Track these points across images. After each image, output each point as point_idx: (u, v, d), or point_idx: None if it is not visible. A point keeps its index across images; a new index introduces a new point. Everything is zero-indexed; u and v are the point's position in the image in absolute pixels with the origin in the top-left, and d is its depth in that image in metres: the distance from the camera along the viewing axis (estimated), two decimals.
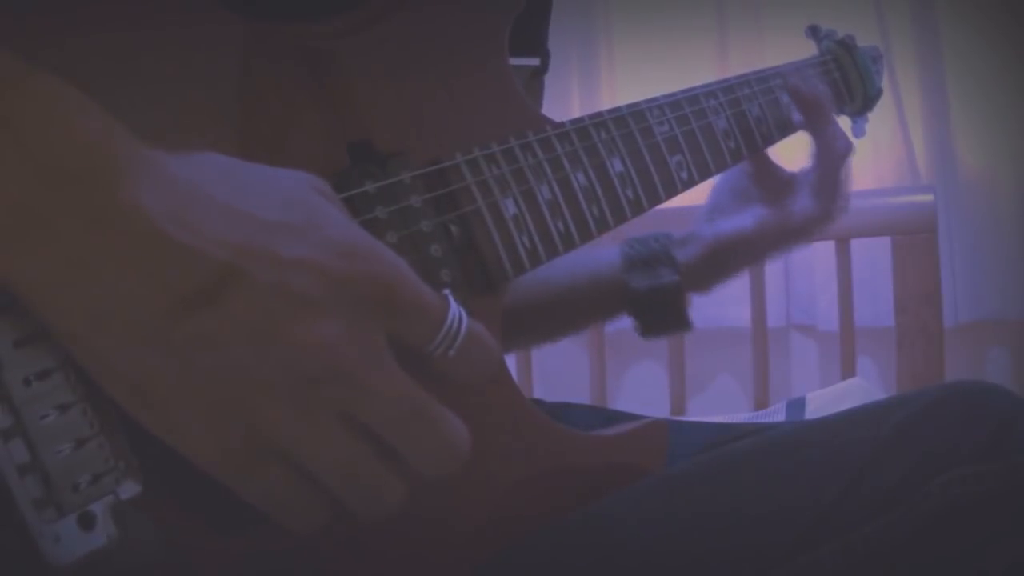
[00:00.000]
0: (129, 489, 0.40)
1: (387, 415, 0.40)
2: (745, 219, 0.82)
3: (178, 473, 0.41)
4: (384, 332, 0.41)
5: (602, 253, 0.82)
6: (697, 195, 0.79)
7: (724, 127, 0.75)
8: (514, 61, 0.61)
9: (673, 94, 0.72)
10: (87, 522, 0.39)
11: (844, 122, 0.97)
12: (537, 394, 1.15)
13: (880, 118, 1.63)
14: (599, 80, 1.83)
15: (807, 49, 0.95)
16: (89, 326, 0.37)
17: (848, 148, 0.82)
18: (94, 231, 0.36)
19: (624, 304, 0.81)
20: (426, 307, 0.42)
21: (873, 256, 1.62)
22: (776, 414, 1.34)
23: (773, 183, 0.83)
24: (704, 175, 0.73)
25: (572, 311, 0.86)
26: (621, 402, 1.80)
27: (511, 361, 1.42)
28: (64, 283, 0.36)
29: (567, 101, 1.82)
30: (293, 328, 0.38)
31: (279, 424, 0.39)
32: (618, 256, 0.81)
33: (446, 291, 0.43)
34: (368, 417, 0.40)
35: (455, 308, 0.43)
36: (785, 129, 0.83)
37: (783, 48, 1.67)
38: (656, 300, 0.79)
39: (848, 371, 1.39)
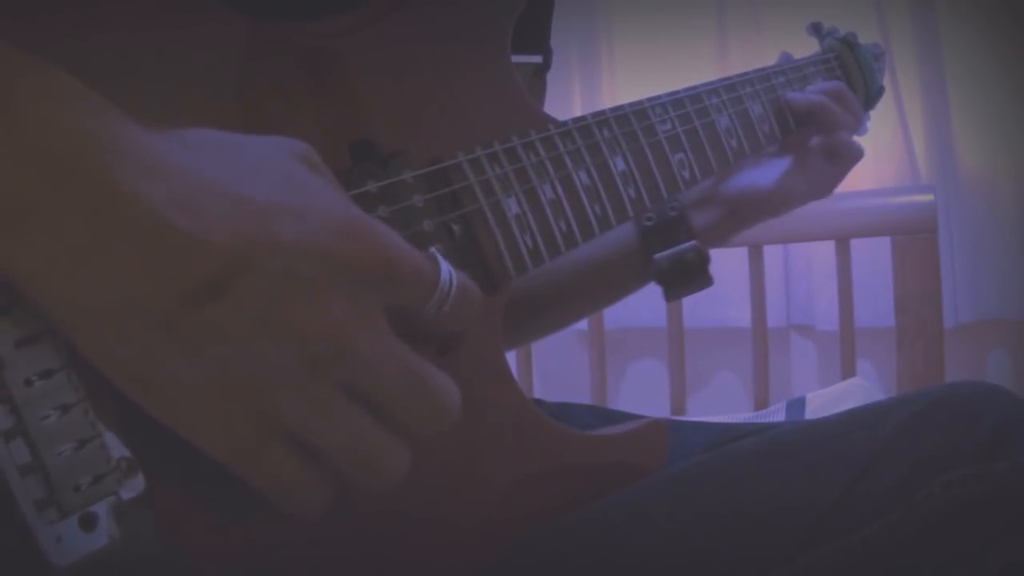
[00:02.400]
0: (131, 489, 0.40)
1: (387, 385, 0.41)
2: (765, 175, 0.84)
3: (179, 470, 0.41)
4: (381, 304, 0.41)
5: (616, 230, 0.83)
6: None
7: (726, 125, 0.75)
8: (516, 58, 0.61)
9: (676, 92, 0.72)
10: (88, 523, 0.39)
11: None
12: (537, 394, 1.15)
13: (880, 118, 1.64)
14: (600, 79, 1.83)
15: (808, 49, 0.95)
16: (93, 317, 0.37)
17: (858, 154, 0.84)
18: (95, 220, 0.36)
19: (647, 276, 0.82)
20: (422, 274, 0.42)
21: (873, 256, 1.62)
22: (776, 414, 1.34)
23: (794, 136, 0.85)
24: (706, 173, 0.73)
25: (591, 291, 0.87)
26: (621, 402, 1.80)
27: (511, 361, 1.42)
28: (66, 273, 0.36)
29: (568, 100, 1.82)
30: (297, 311, 0.38)
31: (286, 405, 0.39)
32: (633, 230, 0.82)
33: (433, 250, 0.44)
34: (369, 388, 0.40)
35: (446, 268, 0.44)
36: (788, 127, 0.83)
37: (783, 48, 1.67)
38: (681, 267, 0.81)
39: (848, 371, 1.39)
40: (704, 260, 0.81)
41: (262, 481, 0.40)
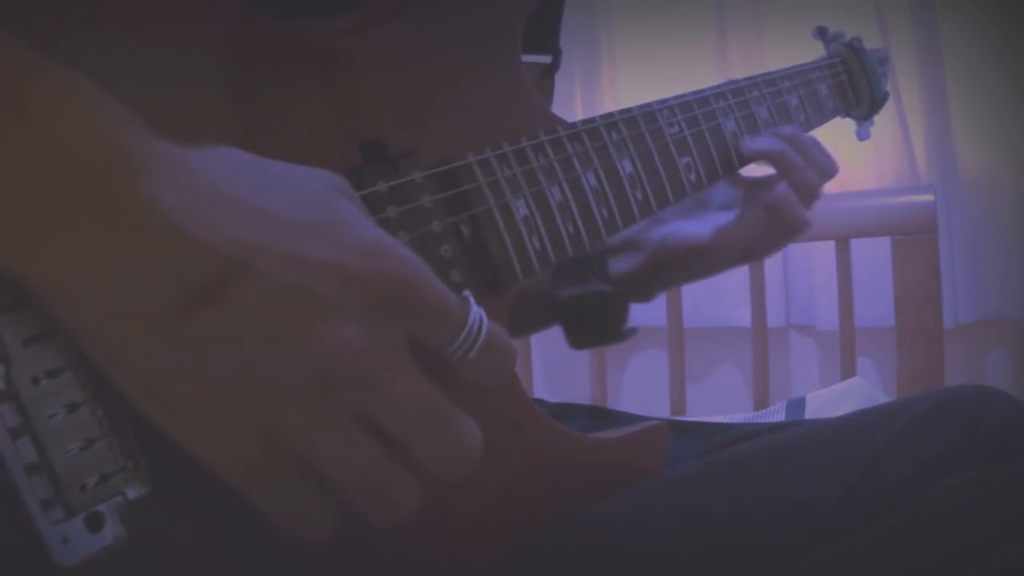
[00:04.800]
0: (137, 490, 0.40)
1: (404, 417, 0.40)
2: (701, 226, 0.78)
3: (184, 474, 0.41)
4: (404, 334, 0.40)
5: None
6: None
7: (733, 128, 0.75)
8: (526, 58, 0.61)
9: (683, 95, 0.72)
10: (95, 523, 0.39)
11: (849, 125, 0.98)
12: (538, 394, 1.15)
13: (880, 118, 1.62)
14: (600, 79, 1.83)
15: (807, 50, 0.95)
16: (101, 320, 0.37)
17: (802, 224, 0.75)
18: (108, 225, 0.35)
19: (552, 315, 0.77)
20: (447, 309, 0.42)
21: (873, 256, 1.62)
22: (776, 414, 1.33)
23: (741, 188, 0.79)
24: (712, 178, 0.73)
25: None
26: (621, 401, 1.80)
27: None
28: (76, 277, 0.36)
29: (569, 100, 1.82)
30: (312, 329, 0.38)
31: (294, 426, 0.38)
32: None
33: (466, 293, 0.43)
34: (385, 419, 0.40)
35: (476, 311, 0.43)
36: (732, 168, 0.79)
37: (783, 48, 1.68)
38: (583, 309, 0.76)
39: (848, 371, 1.39)
40: (612, 307, 0.74)
41: (263, 501, 0.39)
